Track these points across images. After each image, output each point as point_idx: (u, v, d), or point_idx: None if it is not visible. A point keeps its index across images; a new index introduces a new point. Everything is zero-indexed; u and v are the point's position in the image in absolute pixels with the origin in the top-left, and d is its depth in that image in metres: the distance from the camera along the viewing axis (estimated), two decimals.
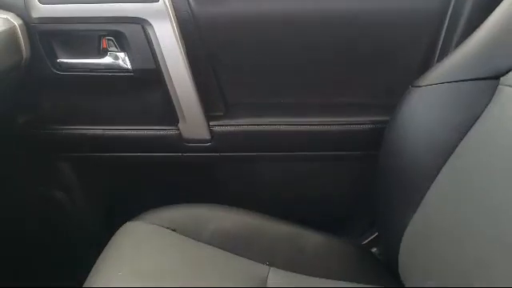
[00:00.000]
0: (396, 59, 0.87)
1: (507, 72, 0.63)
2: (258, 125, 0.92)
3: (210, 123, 0.92)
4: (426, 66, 0.86)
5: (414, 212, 0.68)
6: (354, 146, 0.92)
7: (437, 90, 0.70)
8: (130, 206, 0.87)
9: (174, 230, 0.79)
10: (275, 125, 0.92)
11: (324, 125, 0.89)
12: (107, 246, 0.76)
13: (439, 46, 0.86)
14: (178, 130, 0.93)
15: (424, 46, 0.87)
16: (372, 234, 1.02)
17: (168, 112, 0.91)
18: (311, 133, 0.91)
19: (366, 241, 1.03)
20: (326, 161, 0.95)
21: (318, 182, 0.99)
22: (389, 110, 0.78)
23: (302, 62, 0.89)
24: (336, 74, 0.90)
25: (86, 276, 0.70)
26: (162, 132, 0.94)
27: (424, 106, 0.71)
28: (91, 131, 0.95)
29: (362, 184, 0.89)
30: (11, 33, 0.82)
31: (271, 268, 0.78)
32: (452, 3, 0.84)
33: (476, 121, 0.64)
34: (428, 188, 0.66)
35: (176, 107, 0.90)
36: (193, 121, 0.91)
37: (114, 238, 0.78)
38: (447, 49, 0.85)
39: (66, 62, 0.89)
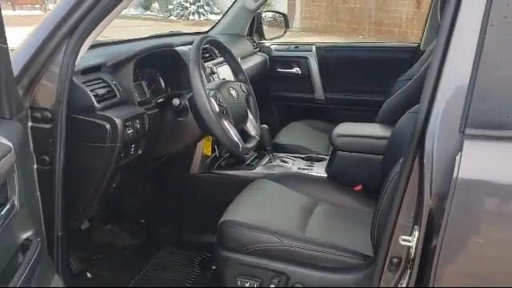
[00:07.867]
0: (385, 75, 2.39)
1: None
2: None
3: None
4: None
5: None
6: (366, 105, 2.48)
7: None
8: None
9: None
10: None
11: (353, 98, 2.55)
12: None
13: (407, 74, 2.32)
14: None
15: (398, 72, 2.34)
16: None
17: None
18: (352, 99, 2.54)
19: None
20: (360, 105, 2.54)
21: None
22: (380, 93, 2.31)
23: (352, 73, 2.54)
24: (362, 78, 2.51)
25: None
26: None
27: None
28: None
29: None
30: (264, 59, 2.62)
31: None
32: (416, 55, 2.33)
33: None
34: None
35: None
36: None
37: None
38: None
39: (279, 71, 2.67)
